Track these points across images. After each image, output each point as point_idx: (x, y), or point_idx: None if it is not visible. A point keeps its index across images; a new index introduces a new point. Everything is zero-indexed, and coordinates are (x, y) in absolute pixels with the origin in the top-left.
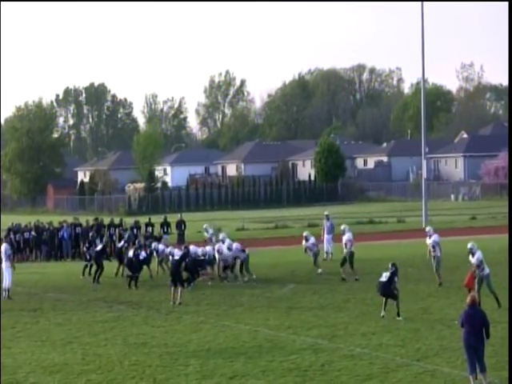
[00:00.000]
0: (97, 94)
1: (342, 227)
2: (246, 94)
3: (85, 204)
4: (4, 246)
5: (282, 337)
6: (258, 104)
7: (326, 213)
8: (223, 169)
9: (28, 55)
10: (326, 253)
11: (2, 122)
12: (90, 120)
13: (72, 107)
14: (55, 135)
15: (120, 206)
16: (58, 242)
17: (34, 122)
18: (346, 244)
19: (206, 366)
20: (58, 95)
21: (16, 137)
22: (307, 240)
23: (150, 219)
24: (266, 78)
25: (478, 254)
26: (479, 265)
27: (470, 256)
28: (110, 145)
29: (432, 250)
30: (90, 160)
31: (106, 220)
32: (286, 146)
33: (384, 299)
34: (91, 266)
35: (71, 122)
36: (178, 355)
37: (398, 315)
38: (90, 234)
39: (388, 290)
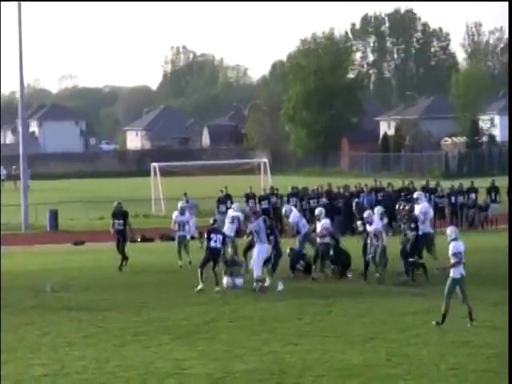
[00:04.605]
0: (403, 22)
1: None
2: None
3: (389, 163)
4: (257, 221)
5: None
6: None
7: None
8: None
9: None
10: None
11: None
12: (396, 56)
13: (372, 40)
14: (351, 75)
15: (434, 167)
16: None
17: (324, 58)
18: None
19: None
20: (354, 24)
21: (301, 77)
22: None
23: (472, 183)
24: None
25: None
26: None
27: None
28: (420, 87)
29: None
30: (396, 107)
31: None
32: None
33: None
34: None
35: (371, 58)
36: None
37: None
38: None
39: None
